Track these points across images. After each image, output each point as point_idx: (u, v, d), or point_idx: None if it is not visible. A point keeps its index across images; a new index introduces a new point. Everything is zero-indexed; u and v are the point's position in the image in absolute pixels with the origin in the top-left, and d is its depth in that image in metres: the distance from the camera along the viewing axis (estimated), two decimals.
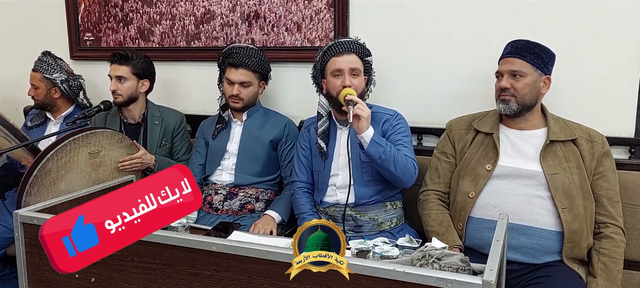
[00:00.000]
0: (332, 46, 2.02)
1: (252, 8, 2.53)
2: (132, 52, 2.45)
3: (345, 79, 1.95)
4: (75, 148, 2.00)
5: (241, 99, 2.25)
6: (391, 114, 2.05)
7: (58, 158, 1.95)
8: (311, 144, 2.13)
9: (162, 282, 1.34)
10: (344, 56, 1.98)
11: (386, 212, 2.02)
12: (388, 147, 1.86)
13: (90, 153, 2.07)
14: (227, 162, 2.30)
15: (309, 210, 2.07)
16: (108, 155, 2.15)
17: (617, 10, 2.02)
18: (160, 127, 2.46)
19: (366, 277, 1.12)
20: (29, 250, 1.50)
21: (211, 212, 2.24)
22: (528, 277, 1.74)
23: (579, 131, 1.86)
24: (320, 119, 2.06)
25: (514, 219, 1.77)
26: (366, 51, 2.05)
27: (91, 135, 2.06)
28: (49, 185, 1.93)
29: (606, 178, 1.82)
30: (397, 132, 2.00)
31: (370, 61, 2.06)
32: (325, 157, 2.05)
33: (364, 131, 1.84)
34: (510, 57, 1.85)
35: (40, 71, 2.59)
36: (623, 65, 2.05)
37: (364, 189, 1.98)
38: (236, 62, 2.23)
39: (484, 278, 1.03)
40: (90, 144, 2.06)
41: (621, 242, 1.78)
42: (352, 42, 2.01)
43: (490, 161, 1.86)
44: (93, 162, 2.08)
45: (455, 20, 2.22)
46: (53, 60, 2.63)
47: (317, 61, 2.06)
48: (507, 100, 1.84)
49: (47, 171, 1.92)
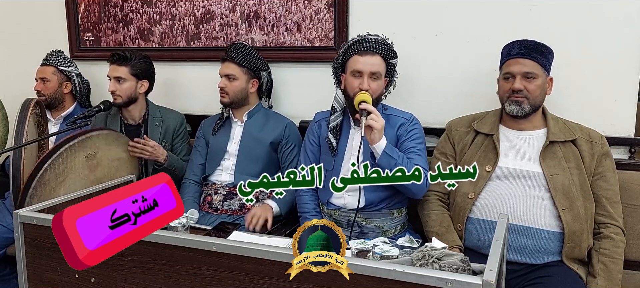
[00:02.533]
0: (357, 42, 1.93)
1: (252, 8, 2.53)
2: (131, 52, 2.43)
3: (364, 82, 1.87)
4: (71, 154, 2.00)
5: (226, 93, 2.26)
6: (407, 118, 1.99)
7: (55, 167, 1.95)
8: (320, 139, 2.06)
9: (162, 282, 1.34)
10: (367, 57, 1.90)
11: (392, 219, 1.98)
12: (400, 159, 1.80)
13: (87, 156, 2.06)
14: (227, 162, 2.30)
15: (312, 210, 2.04)
16: (105, 155, 2.14)
17: (617, 10, 2.02)
18: (160, 129, 2.46)
19: (366, 277, 1.12)
20: (29, 250, 1.50)
21: (211, 212, 2.24)
22: (528, 277, 1.74)
23: (578, 132, 1.86)
24: (334, 113, 2.00)
25: (514, 220, 1.77)
26: (392, 53, 1.96)
27: (87, 139, 2.07)
28: (49, 194, 1.93)
29: (606, 178, 1.82)
30: (411, 138, 1.94)
31: (394, 63, 1.98)
32: (335, 153, 1.98)
33: (376, 143, 1.79)
34: (521, 58, 1.83)
35: (54, 64, 2.60)
36: (623, 65, 2.05)
37: (373, 194, 1.93)
38: (224, 55, 2.29)
39: (484, 278, 1.03)
40: (86, 147, 2.06)
41: (621, 242, 1.78)
42: (379, 42, 1.92)
43: (490, 162, 1.86)
44: (90, 164, 2.08)
45: (455, 20, 2.22)
46: (66, 56, 2.68)
47: (340, 54, 2.00)
48: (520, 102, 1.83)
49: (46, 181, 1.92)
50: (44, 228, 1.46)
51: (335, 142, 1.98)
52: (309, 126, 2.15)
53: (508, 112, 1.86)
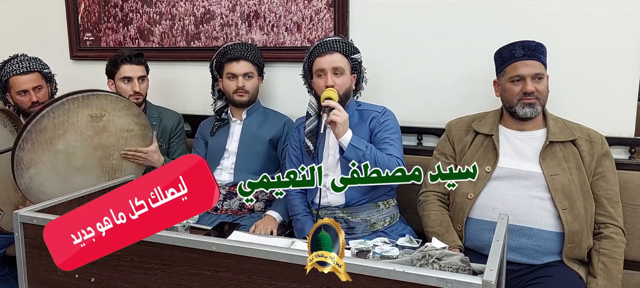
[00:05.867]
0: (316, 46, 2.02)
1: (252, 8, 2.53)
2: (138, 50, 2.43)
3: (328, 79, 1.94)
4: (74, 107, 1.94)
5: (246, 91, 2.25)
6: (379, 110, 2.02)
7: (54, 116, 1.89)
8: (301, 143, 2.10)
9: (162, 282, 1.34)
10: (327, 56, 1.98)
11: (379, 211, 1.99)
12: (368, 150, 1.83)
13: (92, 116, 1.99)
14: (227, 161, 2.30)
15: (303, 212, 2.05)
16: (113, 121, 2.07)
17: (617, 10, 2.02)
18: (158, 128, 2.44)
19: (366, 277, 1.12)
20: (29, 250, 1.50)
21: (211, 211, 2.24)
22: (528, 277, 1.74)
23: (578, 132, 1.86)
24: (309, 118, 2.05)
25: (514, 220, 1.76)
26: (352, 49, 2.04)
27: (92, 97, 1.99)
28: (45, 143, 1.90)
29: (606, 178, 1.82)
30: (383, 129, 1.96)
31: (357, 58, 2.05)
32: (313, 156, 2.02)
33: (342, 136, 1.83)
34: (528, 60, 1.82)
35: (38, 69, 2.41)
36: (623, 65, 2.05)
37: (354, 190, 1.94)
38: (237, 55, 2.25)
39: (484, 278, 1.03)
40: (91, 105, 1.99)
41: (621, 242, 1.78)
42: (335, 41, 2.00)
43: (490, 163, 1.86)
44: (95, 126, 2.02)
45: (455, 21, 2.22)
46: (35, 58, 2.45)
47: (305, 62, 2.07)
48: (533, 104, 1.82)
49: (43, 128, 1.88)
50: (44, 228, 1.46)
51: (313, 146, 2.02)
52: (291, 132, 2.21)
53: (521, 116, 1.83)
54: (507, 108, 1.89)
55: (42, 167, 1.96)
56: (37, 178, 1.96)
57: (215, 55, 2.30)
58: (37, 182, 1.96)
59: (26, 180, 1.94)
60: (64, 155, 1.99)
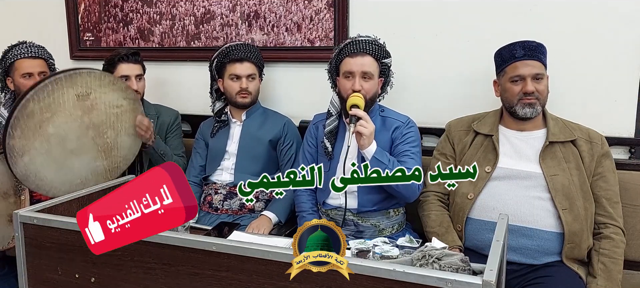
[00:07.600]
0: (347, 45, 1.94)
1: (252, 8, 2.53)
2: (133, 49, 2.42)
3: (356, 83, 1.88)
4: (58, 88, 1.90)
5: (249, 93, 2.25)
6: (402, 121, 1.98)
7: (39, 99, 1.85)
8: (318, 141, 2.07)
9: (162, 282, 1.34)
10: (358, 58, 1.91)
11: (389, 218, 1.98)
12: (390, 164, 1.81)
13: (78, 95, 1.95)
14: (227, 162, 2.30)
15: (309, 210, 2.05)
16: (100, 98, 2.03)
17: (617, 10, 2.02)
18: (155, 125, 2.43)
19: (366, 277, 1.12)
20: (29, 250, 1.50)
21: (211, 211, 2.24)
22: (528, 277, 1.74)
23: (578, 132, 1.86)
24: (330, 118, 2.01)
25: (514, 221, 1.76)
26: (384, 52, 1.97)
27: (76, 75, 1.95)
28: (35, 128, 1.86)
29: (606, 179, 1.82)
30: (405, 141, 1.93)
31: (387, 63, 1.99)
32: (330, 157, 2.00)
33: (366, 148, 1.81)
34: (528, 60, 1.82)
35: (44, 57, 2.41)
36: (623, 65, 2.05)
37: (368, 196, 1.93)
38: (240, 56, 2.24)
39: (484, 278, 1.03)
40: (75, 84, 1.95)
41: (621, 243, 1.78)
42: (369, 43, 1.93)
43: (490, 163, 1.86)
44: (83, 105, 1.98)
45: (455, 21, 2.22)
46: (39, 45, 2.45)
47: (333, 58, 2.01)
48: (534, 104, 1.82)
49: (30, 113, 1.85)
50: (44, 228, 1.46)
51: (331, 147, 1.99)
52: (308, 127, 2.16)
53: (521, 116, 1.83)
54: (507, 108, 1.89)
55: (35, 153, 1.91)
56: (32, 165, 1.91)
57: (216, 55, 2.29)
58: (33, 169, 1.92)
59: (21, 168, 1.89)
60: (56, 139, 1.94)
